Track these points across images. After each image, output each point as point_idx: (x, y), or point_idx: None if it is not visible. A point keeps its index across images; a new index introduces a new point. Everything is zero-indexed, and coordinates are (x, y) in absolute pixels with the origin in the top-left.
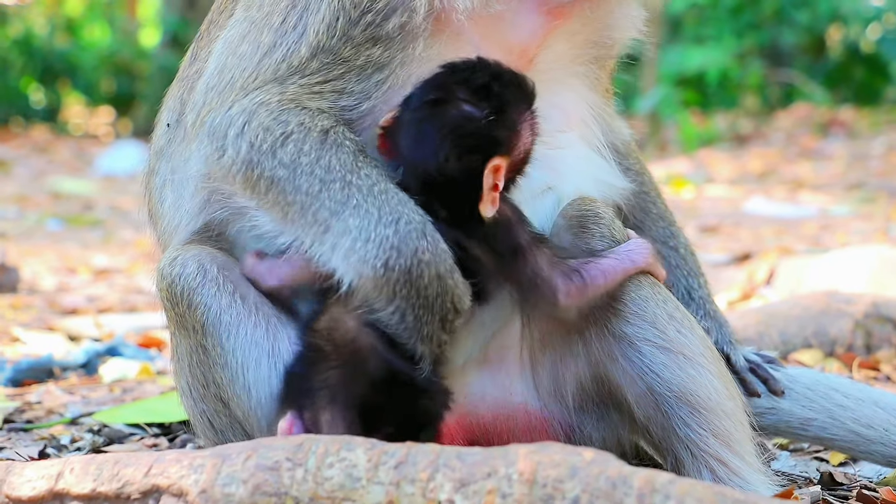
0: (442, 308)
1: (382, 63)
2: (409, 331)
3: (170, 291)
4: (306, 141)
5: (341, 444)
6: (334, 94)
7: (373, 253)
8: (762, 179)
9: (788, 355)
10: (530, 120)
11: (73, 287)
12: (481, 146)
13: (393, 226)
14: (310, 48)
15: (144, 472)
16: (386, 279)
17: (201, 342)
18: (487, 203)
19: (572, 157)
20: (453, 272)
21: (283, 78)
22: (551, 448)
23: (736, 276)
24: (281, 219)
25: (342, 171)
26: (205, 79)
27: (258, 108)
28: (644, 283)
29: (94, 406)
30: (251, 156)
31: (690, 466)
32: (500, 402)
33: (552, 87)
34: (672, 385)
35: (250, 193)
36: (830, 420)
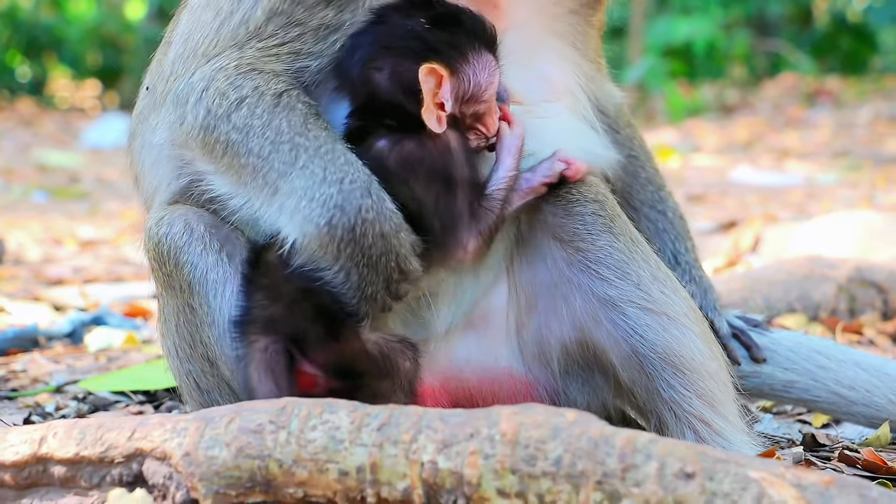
0: (386, 268)
1: (337, 25)
2: (354, 290)
3: (157, 251)
4: (259, 104)
5: (324, 407)
6: (291, 56)
7: (317, 212)
8: (748, 148)
9: (772, 320)
10: (485, 57)
11: (58, 258)
12: (414, 49)
13: (337, 185)
14: (265, 12)
15: (128, 436)
16: (330, 237)
17: (188, 301)
18: (429, 112)
19: (558, 126)
20: (399, 231)
21: (242, 43)
22: (534, 409)
23: (722, 243)
24: (235, 182)
25: (291, 134)
26: (173, 46)
27: (216, 73)
28: (626, 245)
29: (80, 374)
30: (208, 121)
31: (674, 427)
32: (485, 367)
33: (532, 51)
34: (656, 346)
35: (208, 158)
36: (813, 382)
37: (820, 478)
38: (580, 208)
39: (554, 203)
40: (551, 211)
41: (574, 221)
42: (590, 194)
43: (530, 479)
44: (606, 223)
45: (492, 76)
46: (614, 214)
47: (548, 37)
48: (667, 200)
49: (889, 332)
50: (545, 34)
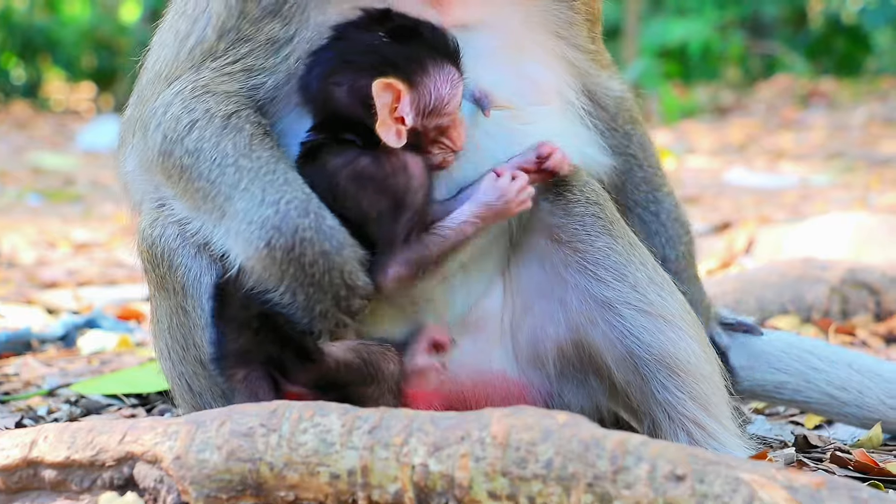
0: (332, 285)
1: (286, 36)
2: (303, 310)
3: (151, 252)
4: (208, 127)
5: (315, 410)
6: (244, 74)
7: (256, 234)
8: (743, 150)
9: (765, 321)
10: (447, 69)
11: (52, 261)
12: (372, 63)
13: (274, 206)
14: (215, 30)
15: (119, 440)
16: (270, 258)
17: (181, 304)
18: (385, 127)
19: (547, 132)
20: (342, 248)
21: (198, 64)
22: (525, 411)
23: (716, 245)
24: (192, 207)
25: (236, 156)
26: (145, 70)
27: (174, 98)
28: (624, 247)
29: (72, 378)
30: (165, 146)
31: (668, 429)
32: (479, 370)
33: (512, 49)
34: (652, 348)
35: (168, 183)
36: (805, 383)
37: (811, 479)
38: (580, 209)
39: (553, 203)
40: (550, 211)
41: (573, 222)
42: (590, 196)
43: (521, 482)
44: (605, 225)
45: (454, 89)
46: (613, 217)
47: (528, 31)
48: (662, 202)
49: (882, 334)
50: (524, 28)
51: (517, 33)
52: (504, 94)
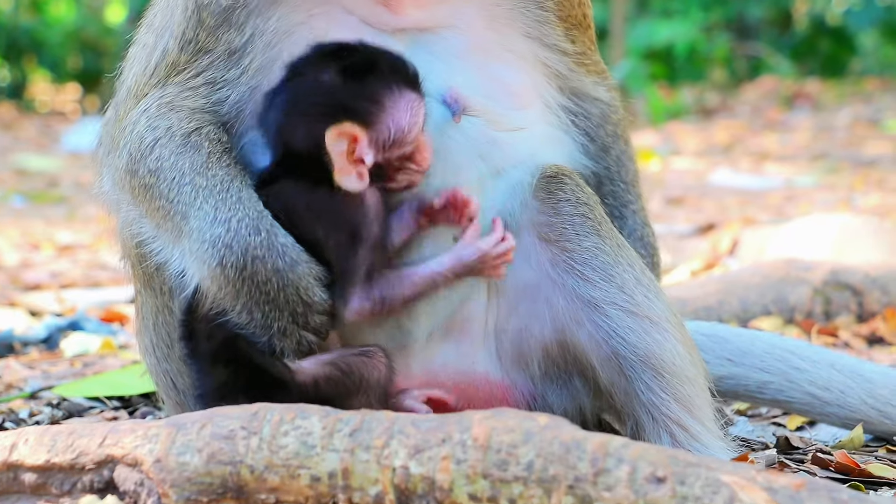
0: (288, 302)
1: (243, 46)
2: (262, 329)
3: (138, 249)
4: (169, 145)
5: (296, 412)
6: (207, 88)
7: (208, 253)
8: (728, 151)
9: (748, 322)
10: (405, 98)
11: (36, 263)
12: (324, 109)
13: (226, 224)
14: (177, 42)
15: (99, 443)
16: (224, 277)
17: (168, 304)
18: (343, 173)
19: (525, 136)
20: (296, 265)
21: (164, 78)
22: (506, 414)
23: (700, 246)
24: (155, 226)
25: (192, 174)
26: (120, 87)
27: (140, 116)
28: (613, 248)
29: (55, 380)
30: (130, 165)
31: (651, 431)
32: (462, 372)
33: (483, 52)
34: (637, 349)
35: (134, 202)
36: (787, 382)
37: (791, 481)
38: (569, 209)
39: (543, 202)
40: (539, 209)
41: (563, 221)
42: (580, 196)
43: (502, 484)
44: (594, 226)
45: (414, 116)
46: (602, 218)
47: (494, 31)
48: (626, 218)
49: (864, 335)
50: (491, 29)
51: (484, 34)
52: (476, 98)
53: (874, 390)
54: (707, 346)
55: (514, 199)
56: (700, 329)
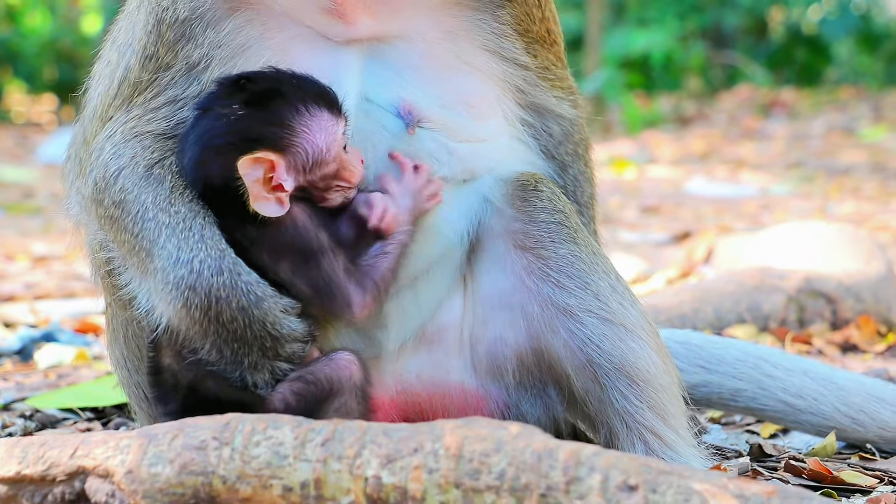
0: (256, 338)
1: (200, 60)
2: (232, 365)
3: (107, 262)
4: (131, 177)
5: (268, 423)
6: (169, 107)
7: (173, 294)
8: (704, 160)
9: (723, 331)
10: (318, 117)
11: (10, 274)
12: (235, 143)
13: (188, 265)
14: (138, 58)
15: (70, 454)
16: (190, 318)
17: (134, 317)
18: (260, 201)
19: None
20: (261, 301)
21: (128, 99)
22: (478, 423)
23: (676, 254)
24: (122, 257)
25: (155, 210)
26: (87, 106)
27: (105, 143)
28: (588, 256)
29: (29, 392)
30: (96, 194)
31: (625, 438)
32: (437, 381)
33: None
34: (612, 356)
35: (102, 230)
36: (760, 390)
37: (762, 488)
38: (545, 216)
39: (518, 209)
40: (514, 217)
41: (538, 229)
42: (556, 203)
43: (474, 493)
44: (570, 233)
45: (331, 134)
46: (577, 226)
47: (451, 43)
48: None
49: (838, 342)
50: (447, 40)
51: (440, 46)
52: (433, 110)
53: (847, 398)
54: (681, 354)
55: (485, 208)
56: (674, 337)
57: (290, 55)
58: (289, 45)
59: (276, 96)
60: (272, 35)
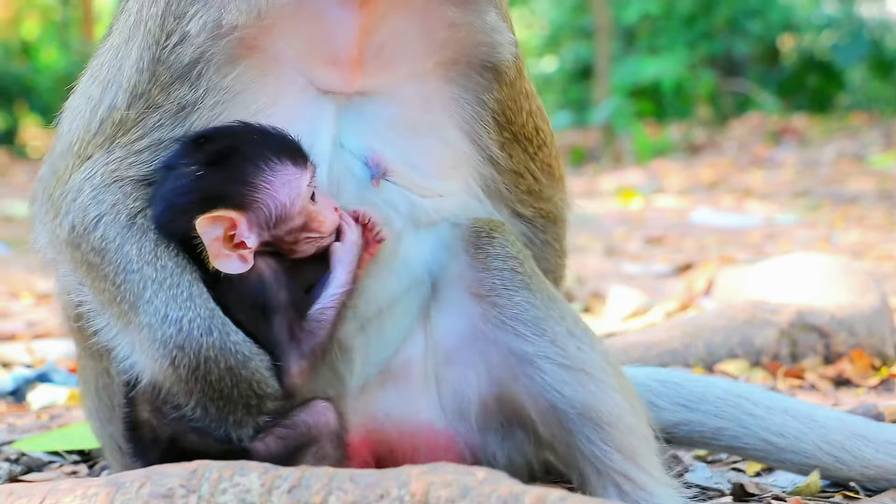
0: (242, 396)
1: (193, 103)
2: (217, 422)
3: (78, 318)
4: (114, 224)
5: (234, 470)
6: (153, 150)
7: (160, 352)
8: (711, 189)
9: (714, 366)
10: (281, 173)
11: (12, 312)
12: (196, 202)
13: (177, 324)
14: (126, 97)
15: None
16: (176, 377)
17: (106, 367)
18: (221, 258)
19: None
20: (248, 362)
21: (110, 138)
22: (444, 468)
23: (677, 286)
24: (99, 303)
25: (140, 263)
26: (59, 138)
27: (84, 184)
28: (543, 301)
29: (19, 434)
30: (72, 237)
31: (596, 483)
32: (406, 420)
33: (411, 127)
34: (574, 402)
35: (75, 273)
36: (741, 429)
37: None
38: (498, 263)
39: (473, 256)
40: (469, 265)
41: (492, 276)
42: (509, 250)
43: None
44: (524, 280)
45: (294, 188)
46: (532, 272)
47: (428, 112)
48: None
49: (830, 377)
50: (426, 108)
51: (417, 112)
52: (399, 166)
53: (828, 436)
54: (661, 393)
55: (443, 253)
56: (654, 375)
57: (279, 102)
58: (280, 92)
59: (235, 154)
60: (268, 82)
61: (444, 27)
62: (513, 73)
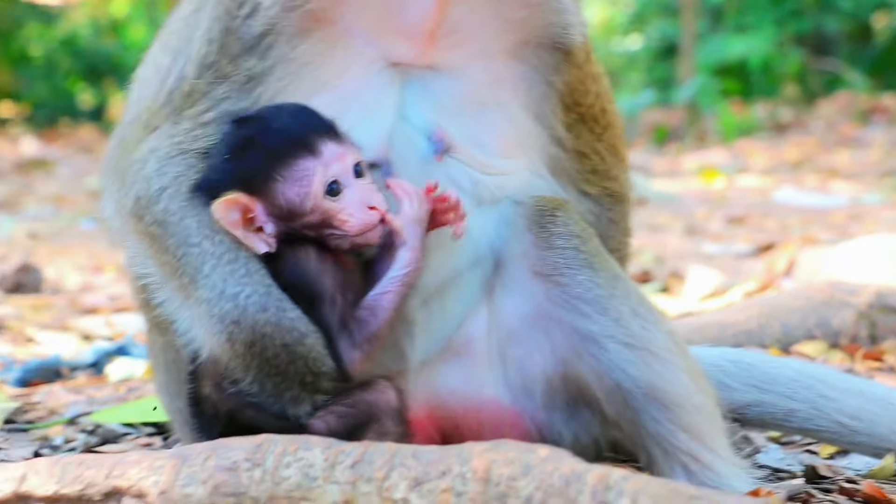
0: (297, 373)
1: (261, 74)
2: (273, 397)
3: (143, 292)
4: (175, 198)
5: (299, 444)
6: (218, 123)
7: (217, 328)
8: (796, 169)
9: (790, 347)
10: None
11: (96, 286)
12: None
13: (233, 300)
14: (196, 67)
15: (106, 474)
16: (233, 352)
17: (173, 343)
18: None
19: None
20: (303, 339)
21: (178, 109)
22: (506, 446)
23: (757, 266)
24: (161, 275)
25: (199, 237)
26: (129, 107)
27: (150, 155)
28: (607, 280)
29: (97, 406)
30: (136, 208)
31: (663, 463)
32: (471, 396)
33: (479, 104)
34: (639, 381)
35: (139, 244)
36: (815, 411)
37: None
38: (561, 241)
39: (536, 235)
40: (533, 243)
41: (555, 255)
42: (572, 229)
43: None
44: (587, 258)
45: (305, 186)
46: (595, 250)
47: (496, 89)
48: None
49: None
50: (494, 86)
51: (485, 88)
52: (462, 142)
53: None
54: (733, 373)
55: (506, 230)
56: (726, 355)
57: (345, 74)
58: (346, 65)
59: (255, 143)
60: (336, 54)
61: (520, 6)
62: (582, 55)
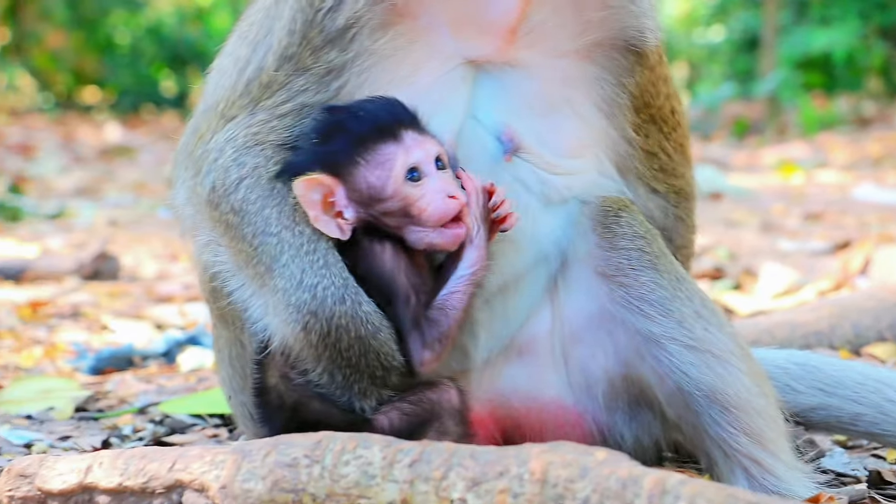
0: (368, 366)
1: (341, 67)
2: (342, 389)
3: (210, 284)
4: (255, 188)
5: (358, 442)
6: (295, 115)
7: (293, 317)
8: (878, 165)
9: (861, 349)
10: (380, 152)
11: (172, 275)
12: (301, 166)
13: (311, 290)
14: (276, 58)
15: (168, 468)
16: (307, 342)
17: (239, 336)
18: (319, 221)
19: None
20: (377, 332)
21: (255, 100)
22: (564, 447)
23: (833, 265)
24: (235, 262)
25: (278, 227)
26: (203, 97)
27: (226, 145)
28: (670, 282)
29: (167, 395)
30: (212, 196)
31: (723, 466)
32: (533, 396)
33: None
34: (701, 384)
35: (214, 232)
36: (881, 415)
37: None
38: (625, 243)
39: (600, 236)
40: (597, 244)
41: (619, 256)
42: (637, 229)
43: None
44: (651, 260)
45: (387, 170)
46: (660, 251)
47: (567, 89)
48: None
49: None
50: (565, 85)
51: (556, 87)
52: (531, 142)
53: None
54: (799, 375)
55: (571, 230)
56: (792, 358)
57: (421, 70)
58: (423, 60)
59: (342, 128)
60: (415, 49)
61: (600, 6)
62: (654, 57)
